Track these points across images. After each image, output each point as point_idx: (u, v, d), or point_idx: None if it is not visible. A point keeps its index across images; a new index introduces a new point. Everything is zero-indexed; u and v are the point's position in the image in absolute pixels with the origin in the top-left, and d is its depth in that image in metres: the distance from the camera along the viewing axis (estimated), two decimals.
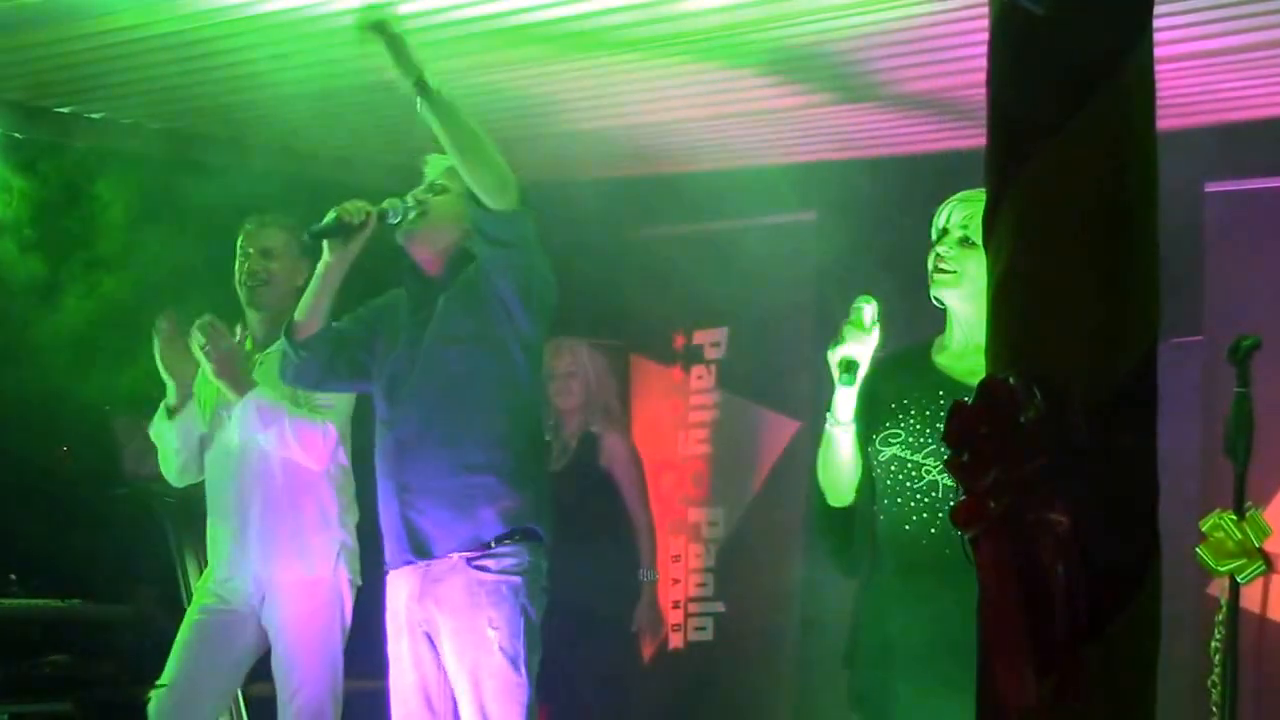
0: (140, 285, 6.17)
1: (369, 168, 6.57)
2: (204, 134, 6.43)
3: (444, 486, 4.55)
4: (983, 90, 2.32)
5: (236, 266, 5.28)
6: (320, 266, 4.68)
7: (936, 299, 3.93)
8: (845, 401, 3.86)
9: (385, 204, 4.65)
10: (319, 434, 5.11)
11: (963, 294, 3.86)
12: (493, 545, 4.52)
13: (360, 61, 4.96)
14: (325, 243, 4.65)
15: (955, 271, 3.85)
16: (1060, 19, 2.20)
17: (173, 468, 5.34)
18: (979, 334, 3.79)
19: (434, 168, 4.74)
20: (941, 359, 3.94)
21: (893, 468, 3.90)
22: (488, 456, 4.55)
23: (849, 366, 3.87)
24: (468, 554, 4.53)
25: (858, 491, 3.95)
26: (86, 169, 6.33)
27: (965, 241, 3.84)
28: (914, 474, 3.91)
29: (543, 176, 4.81)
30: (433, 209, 4.68)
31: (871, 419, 3.91)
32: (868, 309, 3.91)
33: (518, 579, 4.51)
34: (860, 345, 3.89)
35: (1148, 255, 2.22)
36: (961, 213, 3.88)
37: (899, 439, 3.94)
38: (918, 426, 3.92)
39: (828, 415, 3.87)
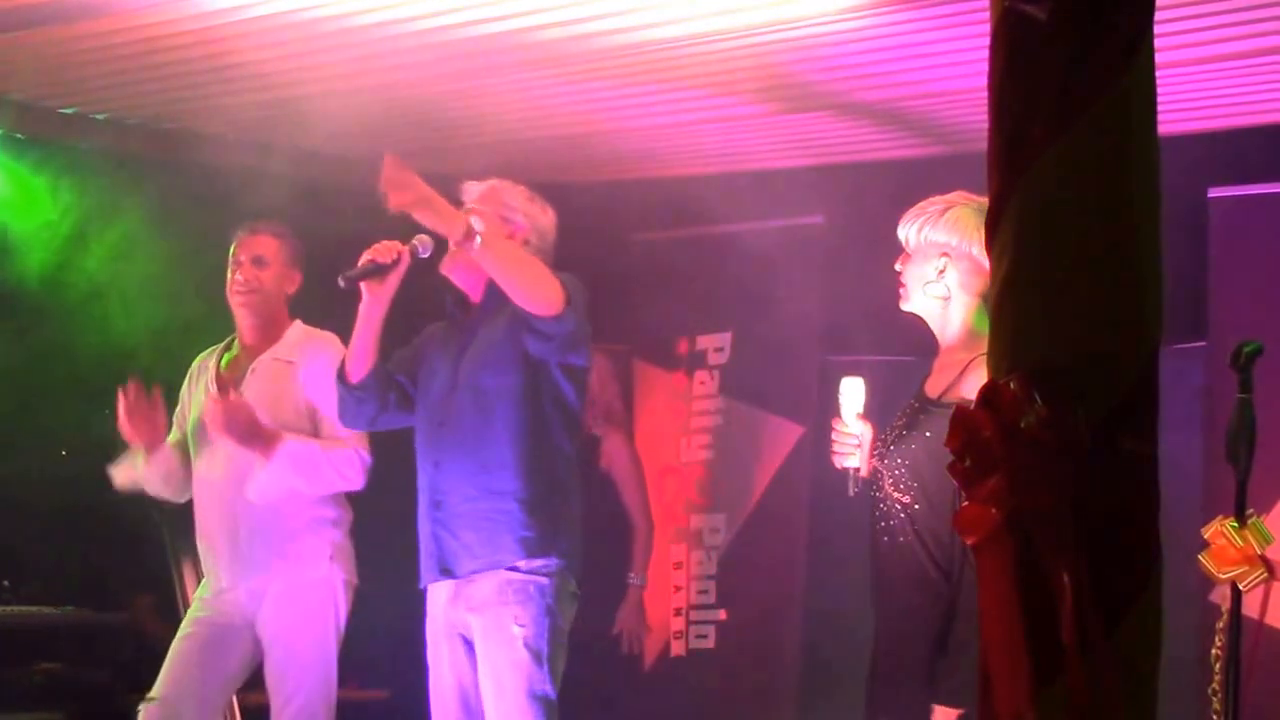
0: (140, 288, 6.18)
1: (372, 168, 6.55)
2: (209, 134, 6.43)
3: (470, 509, 4.59)
4: (985, 94, 2.32)
5: (228, 274, 5.26)
6: (361, 309, 4.68)
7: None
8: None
9: (415, 240, 4.63)
10: (356, 460, 5.10)
11: (913, 305, 4.03)
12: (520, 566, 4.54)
13: (361, 64, 4.95)
14: (362, 285, 4.63)
15: (904, 285, 4.02)
16: (1061, 23, 2.19)
17: (170, 492, 5.31)
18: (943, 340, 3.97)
19: (469, 194, 4.74)
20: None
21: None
22: (513, 484, 4.56)
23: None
24: None
25: None
26: (87, 169, 6.33)
27: (905, 256, 4.02)
28: (873, 485, 4.04)
29: (547, 179, 4.81)
30: None
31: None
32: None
33: (545, 580, 4.55)
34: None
35: (1150, 261, 2.21)
36: (903, 230, 4.03)
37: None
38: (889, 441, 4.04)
39: None
